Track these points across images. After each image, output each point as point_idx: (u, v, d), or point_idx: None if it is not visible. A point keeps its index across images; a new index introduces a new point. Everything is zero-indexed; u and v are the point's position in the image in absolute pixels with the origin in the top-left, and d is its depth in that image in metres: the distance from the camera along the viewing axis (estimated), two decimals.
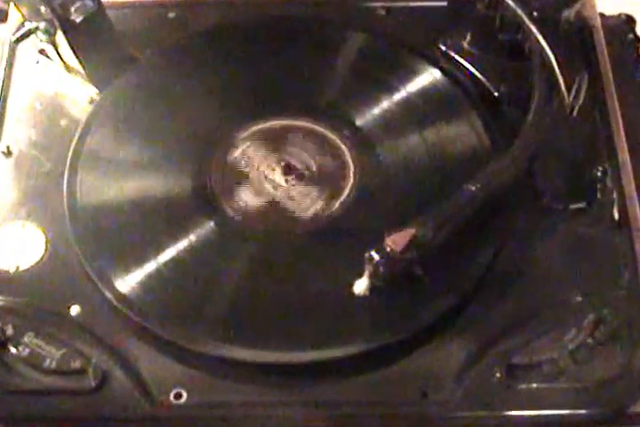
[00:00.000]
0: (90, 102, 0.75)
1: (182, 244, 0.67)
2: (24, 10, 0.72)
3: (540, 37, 0.67)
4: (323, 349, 0.62)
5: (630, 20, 0.80)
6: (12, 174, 0.72)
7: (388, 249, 0.59)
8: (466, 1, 0.76)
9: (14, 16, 0.77)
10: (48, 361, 0.63)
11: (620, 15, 0.80)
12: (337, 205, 0.69)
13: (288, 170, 0.71)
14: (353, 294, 0.62)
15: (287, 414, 0.63)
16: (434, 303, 0.64)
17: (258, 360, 0.62)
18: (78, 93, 0.75)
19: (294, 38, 0.78)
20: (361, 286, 0.62)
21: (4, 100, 0.76)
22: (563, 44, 0.68)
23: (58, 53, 0.73)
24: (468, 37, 0.76)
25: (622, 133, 0.72)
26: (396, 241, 0.60)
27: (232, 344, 0.62)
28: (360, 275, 0.61)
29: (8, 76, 0.77)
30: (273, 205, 0.70)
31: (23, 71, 0.78)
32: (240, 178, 0.71)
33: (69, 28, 0.69)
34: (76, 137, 0.71)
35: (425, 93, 0.74)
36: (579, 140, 0.72)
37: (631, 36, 0.79)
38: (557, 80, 0.66)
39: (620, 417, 0.62)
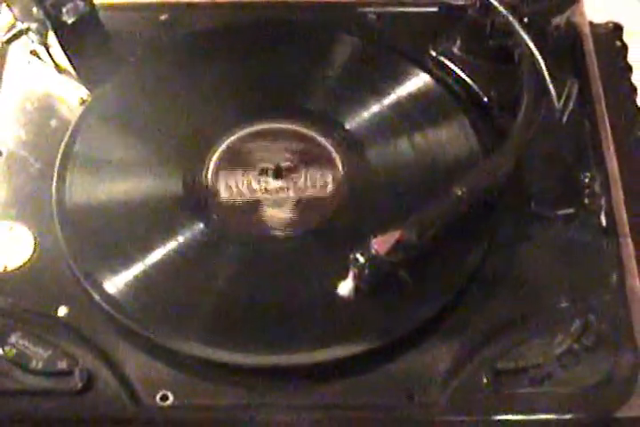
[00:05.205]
0: (80, 103, 0.75)
1: (170, 246, 0.67)
2: (15, 10, 0.72)
3: (530, 43, 0.67)
4: (308, 352, 0.62)
5: (617, 28, 0.80)
6: (1, 175, 0.72)
7: (373, 251, 0.60)
8: (457, 7, 0.76)
9: (5, 17, 0.77)
10: (34, 362, 0.62)
11: (607, 23, 0.81)
12: (325, 207, 0.69)
13: (277, 173, 0.71)
14: (339, 297, 0.62)
15: (272, 418, 0.63)
16: (420, 307, 0.64)
17: (244, 363, 0.62)
18: (69, 94, 0.75)
19: (285, 42, 0.78)
20: (346, 288, 0.62)
21: None
22: (552, 51, 0.69)
23: (49, 54, 0.73)
24: (459, 43, 0.76)
25: (610, 140, 0.73)
26: (381, 243, 0.60)
27: (219, 347, 0.62)
28: (345, 277, 0.62)
29: None
30: (262, 207, 0.69)
31: (14, 72, 0.77)
32: (229, 181, 0.71)
33: (61, 30, 0.69)
34: (66, 138, 0.71)
35: (415, 98, 0.74)
36: (567, 146, 0.73)
37: (619, 43, 0.79)
38: (547, 86, 0.66)
39: (606, 422, 0.62)
